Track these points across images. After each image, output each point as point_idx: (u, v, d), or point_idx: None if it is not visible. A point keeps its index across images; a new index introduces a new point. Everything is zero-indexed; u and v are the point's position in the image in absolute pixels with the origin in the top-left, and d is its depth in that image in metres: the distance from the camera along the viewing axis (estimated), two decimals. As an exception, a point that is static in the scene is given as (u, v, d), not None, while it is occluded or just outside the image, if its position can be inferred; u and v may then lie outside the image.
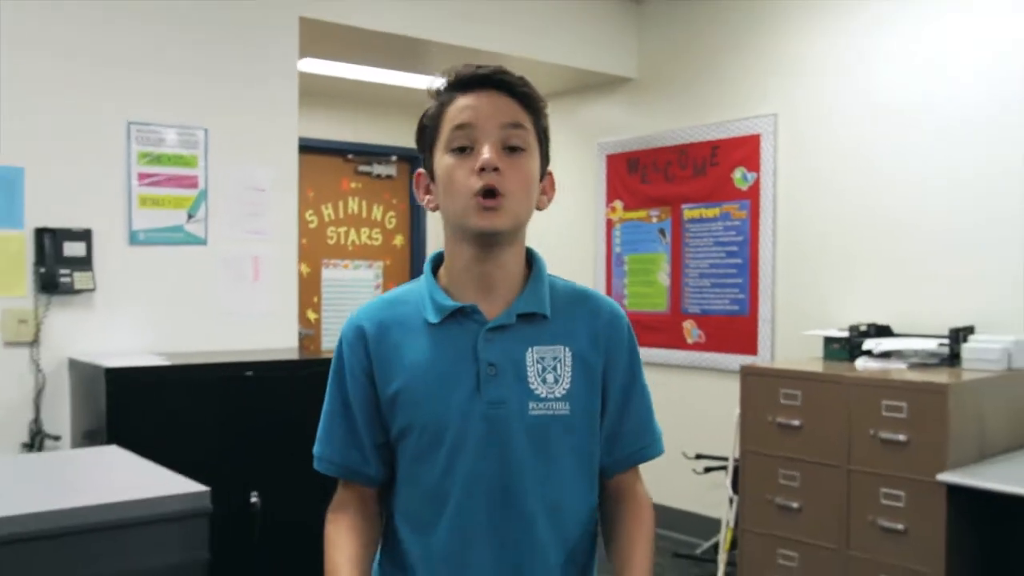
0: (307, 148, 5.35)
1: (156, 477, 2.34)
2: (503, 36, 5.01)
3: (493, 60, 4.98)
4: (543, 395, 1.37)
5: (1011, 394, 3.66)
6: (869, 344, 3.99)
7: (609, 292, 5.56)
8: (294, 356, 3.95)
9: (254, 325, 4.14)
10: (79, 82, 3.69)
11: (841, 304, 4.47)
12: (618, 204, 5.59)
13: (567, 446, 1.39)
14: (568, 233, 5.87)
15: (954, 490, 3.28)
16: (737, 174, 4.92)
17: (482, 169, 1.31)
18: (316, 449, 1.46)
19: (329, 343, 6.07)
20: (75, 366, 3.61)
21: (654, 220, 5.36)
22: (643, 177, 5.43)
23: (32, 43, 3.59)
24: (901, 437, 3.42)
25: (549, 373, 1.39)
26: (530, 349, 1.38)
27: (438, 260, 1.47)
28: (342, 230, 6.44)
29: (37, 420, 3.57)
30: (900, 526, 3.42)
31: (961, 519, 3.36)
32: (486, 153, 1.32)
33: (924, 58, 4.16)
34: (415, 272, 6.72)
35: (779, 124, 4.75)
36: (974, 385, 3.50)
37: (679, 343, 5.20)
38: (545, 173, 1.45)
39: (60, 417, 3.63)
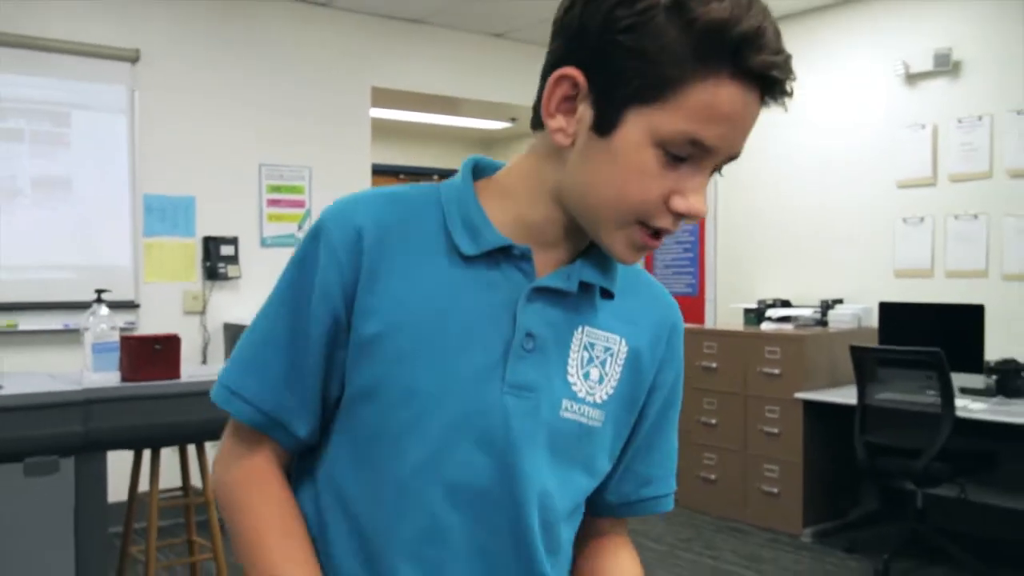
0: (373, 171, 7.15)
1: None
2: (523, 91, 6.76)
3: (511, 112, 6.95)
4: (582, 395, 0.99)
5: (859, 343, 5.37)
6: (770, 312, 5.71)
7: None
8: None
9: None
10: (227, 132, 5.51)
11: (760, 284, 6.19)
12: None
13: (582, 469, 1.02)
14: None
15: (809, 404, 5.01)
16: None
17: (681, 216, 0.92)
18: (234, 381, 0.99)
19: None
20: (228, 328, 5.44)
21: (633, 225, 7.11)
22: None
23: (198, 103, 5.43)
24: (776, 371, 5.14)
25: (595, 367, 1.00)
26: (581, 329, 0.99)
27: (482, 169, 1.05)
28: (397, 234, 8.25)
29: (204, 363, 5.41)
30: (776, 430, 5.15)
31: (815, 423, 5.08)
32: (701, 203, 0.92)
33: (816, 105, 5.87)
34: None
35: (719, 155, 6.48)
36: (828, 337, 5.22)
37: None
38: None
39: (219, 362, 5.46)
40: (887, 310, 5.12)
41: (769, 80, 0.88)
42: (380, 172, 7.88)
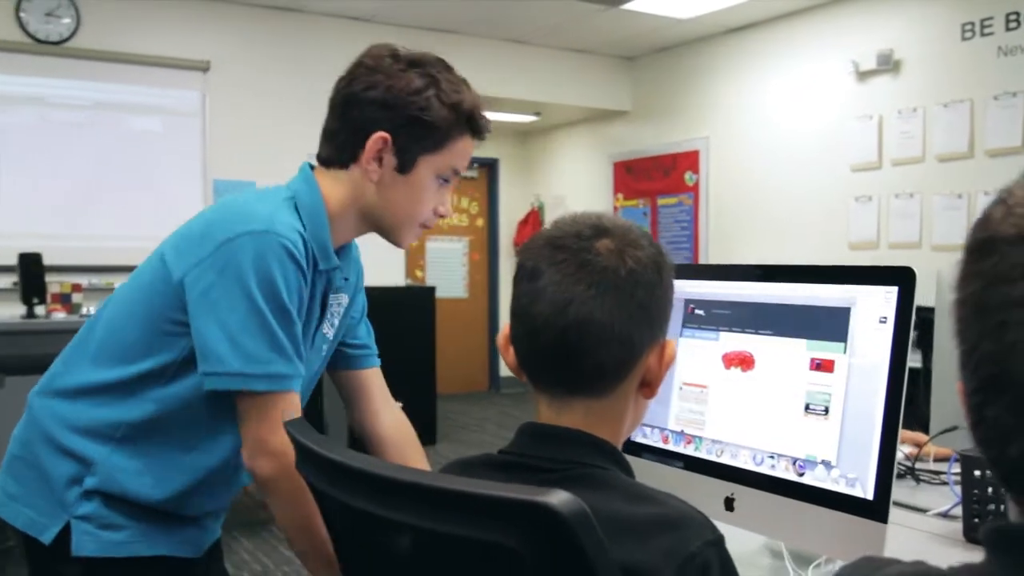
0: (415, 161, 8.21)
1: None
2: (543, 89, 7.75)
3: (535, 107, 8.00)
4: (329, 337, 1.61)
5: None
6: (743, 280, 6.59)
7: (615, 255, 8.26)
8: (401, 285, 6.85)
9: (380, 271, 7.02)
10: (283, 127, 6.62)
11: (740, 256, 7.06)
12: (620, 196, 8.29)
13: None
14: (591, 216, 8.61)
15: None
16: (687, 175, 7.55)
17: (440, 216, 1.55)
18: (290, 368, 1.39)
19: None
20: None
21: (640, 206, 8.04)
22: (635, 177, 8.11)
23: (258, 104, 6.54)
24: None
25: (338, 318, 1.62)
26: (338, 295, 1.60)
27: (316, 203, 1.47)
28: (440, 215, 9.31)
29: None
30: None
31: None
32: (449, 209, 1.56)
33: (781, 101, 6.72)
34: (492, 245, 9.52)
35: (711, 143, 7.36)
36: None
37: (655, 287, 7.87)
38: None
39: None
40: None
41: (482, 133, 1.52)
42: (423, 161, 8.96)
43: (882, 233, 6.08)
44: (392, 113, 1.43)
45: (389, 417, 1.79)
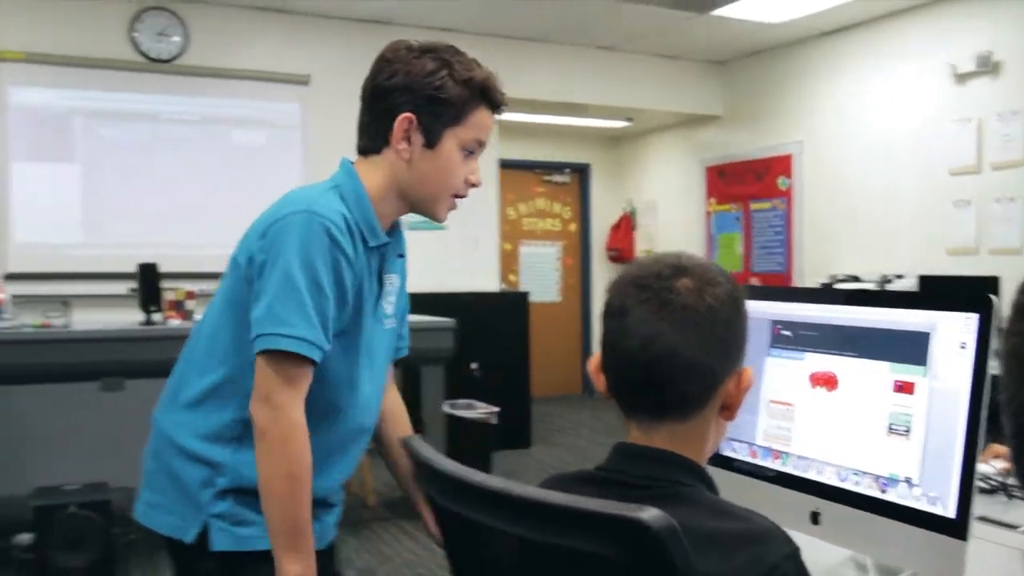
0: (508, 166, 8.34)
1: (430, 329, 5.35)
2: (634, 94, 7.80)
3: (626, 113, 8.05)
4: (389, 313, 1.73)
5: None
6: (838, 287, 6.53)
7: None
8: (496, 290, 6.99)
9: (475, 278, 7.18)
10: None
11: (836, 262, 7.00)
12: (712, 200, 8.28)
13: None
14: (682, 220, 8.62)
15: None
16: (780, 180, 7.51)
17: (473, 185, 1.66)
18: (309, 334, 1.49)
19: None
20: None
21: (733, 211, 8.02)
22: (727, 182, 8.09)
23: (354, 115, 6.74)
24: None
25: (393, 296, 1.74)
26: (391, 275, 1.71)
27: (354, 181, 1.63)
28: (532, 220, 9.42)
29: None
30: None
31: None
32: (479, 177, 1.67)
33: (879, 103, 6.64)
34: (585, 249, 9.60)
35: (804, 147, 7.31)
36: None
37: (747, 292, 7.84)
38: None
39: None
40: (925, 284, 5.89)
41: (499, 104, 1.66)
42: (514, 167, 9.07)
43: (982, 239, 5.96)
44: (413, 95, 1.58)
45: (392, 393, 1.91)
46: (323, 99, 6.57)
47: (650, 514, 0.83)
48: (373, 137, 1.65)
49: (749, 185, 7.85)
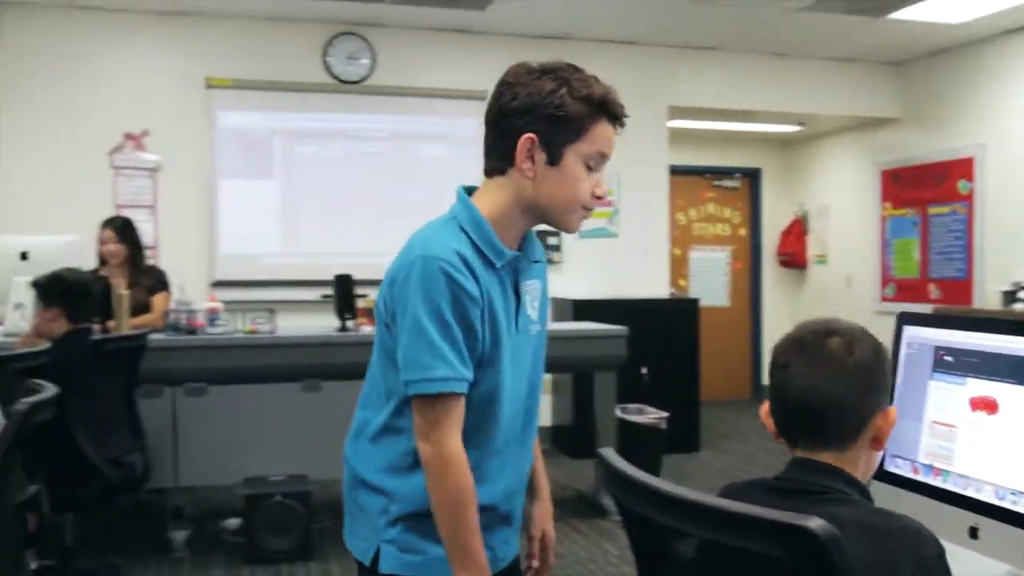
0: (677, 171, 8.45)
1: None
2: (806, 99, 7.76)
3: (799, 117, 8.00)
4: (534, 318, 1.77)
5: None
6: (1021, 295, 6.34)
7: (882, 266, 8.11)
8: (665, 296, 7.12)
9: (645, 283, 7.33)
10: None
11: (1019, 268, 6.77)
12: (887, 205, 8.13)
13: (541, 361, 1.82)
14: (855, 224, 8.49)
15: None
16: (960, 184, 7.31)
17: (598, 198, 1.69)
18: (455, 372, 1.61)
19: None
20: (553, 301, 6.99)
21: (909, 215, 7.85)
22: (903, 186, 7.93)
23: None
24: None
25: (536, 301, 1.79)
26: (529, 282, 1.75)
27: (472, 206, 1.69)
28: (702, 225, 9.47)
29: (535, 328, 7.01)
30: None
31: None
32: (606, 190, 1.71)
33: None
34: (755, 254, 9.57)
35: (987, 150, 7.10)
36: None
37: (925, 298, 7.66)
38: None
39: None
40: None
41: (619, 117, 1.68)
42: (684, 172, 9.14)
43: None
44: (533, 116, 1.63)
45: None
46: (499, 113, 6.86)
47: (816, 523, 1.00)
48: (499, 158, 1.70)
49: (927, 189, 7.67)
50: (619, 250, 7.26)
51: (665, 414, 5.78)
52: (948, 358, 1.67)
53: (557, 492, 5.57)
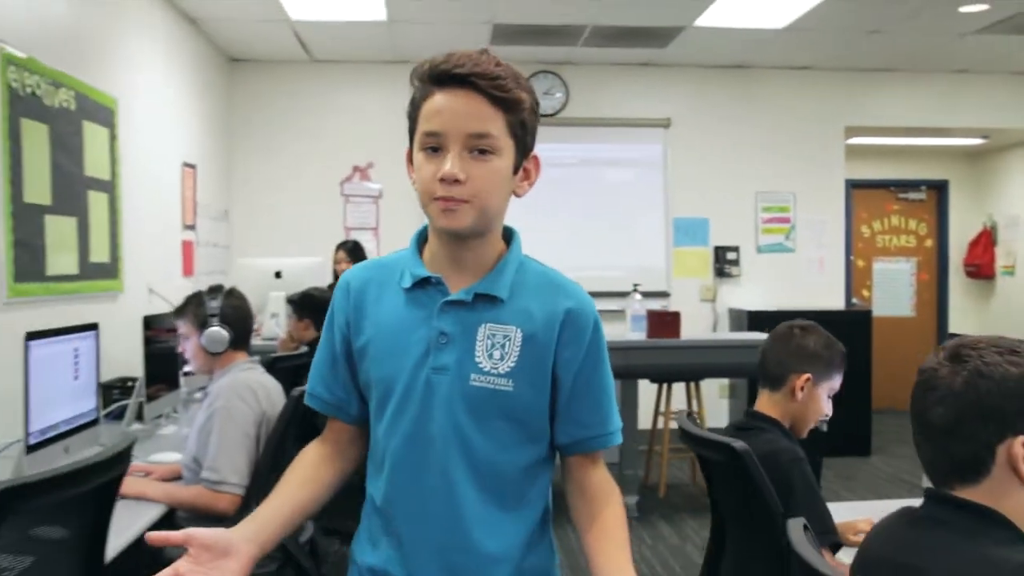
0: (860, 185, 8.78)
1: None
2: (991, 114, 7.93)
3: (983, 132, 8.28)
4: (486, 369, 1.42)
5: None
6: None
7: (1071, 277, 8.15)
8: (841, 309, 7.52)
9: (819, 296, 7.73)
10: (732, 171, 7.59)
11: None
12: (1075, 217, 8.16)
13: (505, 419, 1.43)
14: (1045, 236, 8.55)
15: None
16: None
17: (442, 179, 1.36)
18: (308, 386, 1.55)
19: (879, 312, 9.31)
20: (731, 311, 7.55)
21: (1097, 228, 7.88)
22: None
23: (709, 152, 7.61)
24: None
25: (496, 350, 1.43)
26: (484, 325, 1.43)
27: (424, 233, 1.51)
28: (886, 236, 9.71)
29: (713, 332, 7.55)
30: None
31: None
32: (448, 165, 1.35)
33: None
34: (942, 264, 9.71)
35: None
36: None
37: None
38: (522, 164, 1.46)
39: (724, 334, 7.58)
40: None
41: (448, 75, 1.36)
42: (867, 186, 9.42)
43: None
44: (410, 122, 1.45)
45: (597, 476, 1.70)
46: (682, 139, 7.50)
47: (738, 444, 1.69)
48: None
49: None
50: (795, 264, 7.72)
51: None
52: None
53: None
